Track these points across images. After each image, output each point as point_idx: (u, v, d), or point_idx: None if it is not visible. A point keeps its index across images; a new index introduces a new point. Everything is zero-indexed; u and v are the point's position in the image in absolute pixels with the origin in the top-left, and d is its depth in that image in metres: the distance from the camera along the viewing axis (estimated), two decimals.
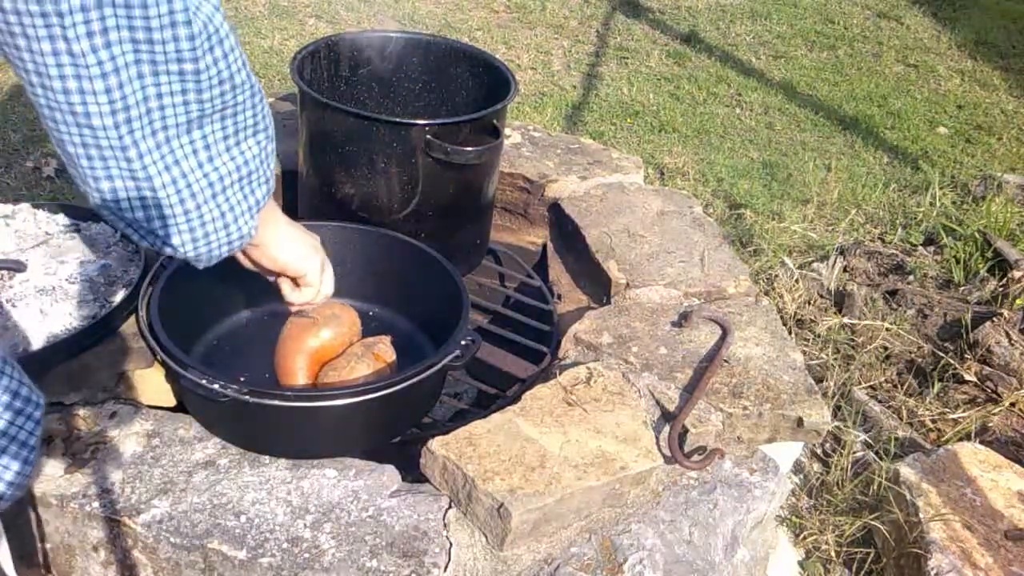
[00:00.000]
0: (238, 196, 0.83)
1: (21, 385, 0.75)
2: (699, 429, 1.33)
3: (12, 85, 3.06)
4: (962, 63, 4.33)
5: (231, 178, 0.82)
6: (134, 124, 0.70)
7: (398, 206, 1.57)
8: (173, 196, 0.77)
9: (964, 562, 1.44)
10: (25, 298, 1.32)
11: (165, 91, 0.71)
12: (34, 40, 0.62)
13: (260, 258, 1.00)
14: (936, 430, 1.93)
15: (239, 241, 0.87)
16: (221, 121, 0.78)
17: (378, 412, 1.24)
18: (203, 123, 0.76)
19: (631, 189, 1.93)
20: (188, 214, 0.80)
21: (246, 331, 1.45)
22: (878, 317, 2.24)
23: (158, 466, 1.20)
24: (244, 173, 0.83)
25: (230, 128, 0.79)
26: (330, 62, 1.72)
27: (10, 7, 0.61)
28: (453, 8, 4.34)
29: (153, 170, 0.74)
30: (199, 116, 0.75)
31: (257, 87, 0.80)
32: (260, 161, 0.84)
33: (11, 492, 0.75)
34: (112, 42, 0.65)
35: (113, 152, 0.71)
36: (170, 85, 0.70)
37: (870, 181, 3.11)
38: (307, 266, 1.06)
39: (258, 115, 0.81)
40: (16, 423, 0.74)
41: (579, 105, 3.52)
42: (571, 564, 1.17)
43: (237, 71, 0.75)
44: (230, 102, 0.76)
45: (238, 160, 0.82)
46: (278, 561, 1.09)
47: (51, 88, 0.66)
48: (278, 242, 0.99)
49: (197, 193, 0.79)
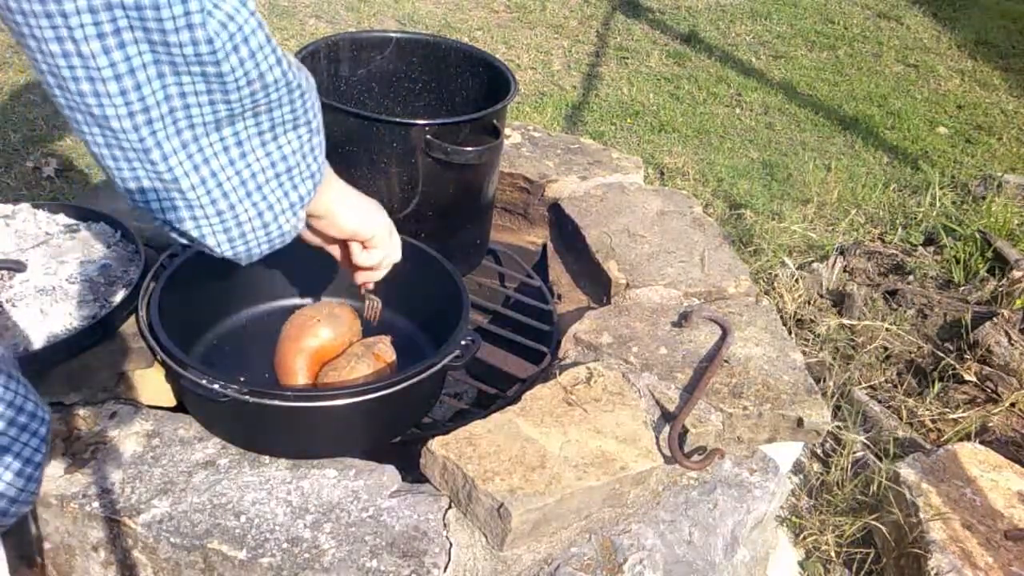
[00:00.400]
0: (277, 194, 0.79)
1: (26, 400, 0.73)
2: (699, 429, 1.33)
3: (12, 85, 3.06)
4: (962, 63, 4.33)
5: (266, 175, 0.77)
6: (155, 125, 0.68)
7: (398, 206, 1.57)
8: (204, 196, 0.74)
9: (964, 562, 1.44)
10: (25, 298, 1.32)
11: (189, 90, 0.67)
12: (43, 41, 0.61)
13: (327, 228, 0.97)
14: (936, 430, 1.93)
15: (280, 239, 0.83)
16: (255, 118, 0.73)
17: (378, 412, 1.24)
18: (234, 121, 0.72)
19: (631, 189, 1.93)
20: (221, 214, 0.76)
21: (246, 331, 1.45)
22: (878, 317, 2.24)
23: (158, 466, 1.20)
24: (282, 169, 0.79)
25: (265, 124, 0.75)
26: (330, 62, 1.72)
27: (15, 7, 0.59)
28: (453, 8, 4.34)
29: (179, 171, 0.71)
30: (228, 115, 0.71)
31: (295, 81, 0.75)
32: (303, 155, 0.80)
33: (15, 509, 0.74)
34: (126, 42, 0.62)
35: (136, 154, 0.69)
36: (193, 85, 0.67)
37: (870, 181, 3.11)
38: (377, 228, 1.02)
39: (298, 109, 0.76)
40: (20, 439, 0.72)
41: (579, 105, 3.52)
42: (571, 564, 1.17)
43: (268, 69, 0.70)
44: (262, 100, 0.72)
45: (274, 156, 0.77)
46: (278, 561, 1.09)
47: (68, 89, 0.64)
48: (344, 210, 0.96)
49: (230, 192, 0.75)
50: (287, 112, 0.76)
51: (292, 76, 0.74)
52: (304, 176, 0.82)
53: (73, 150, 2.75)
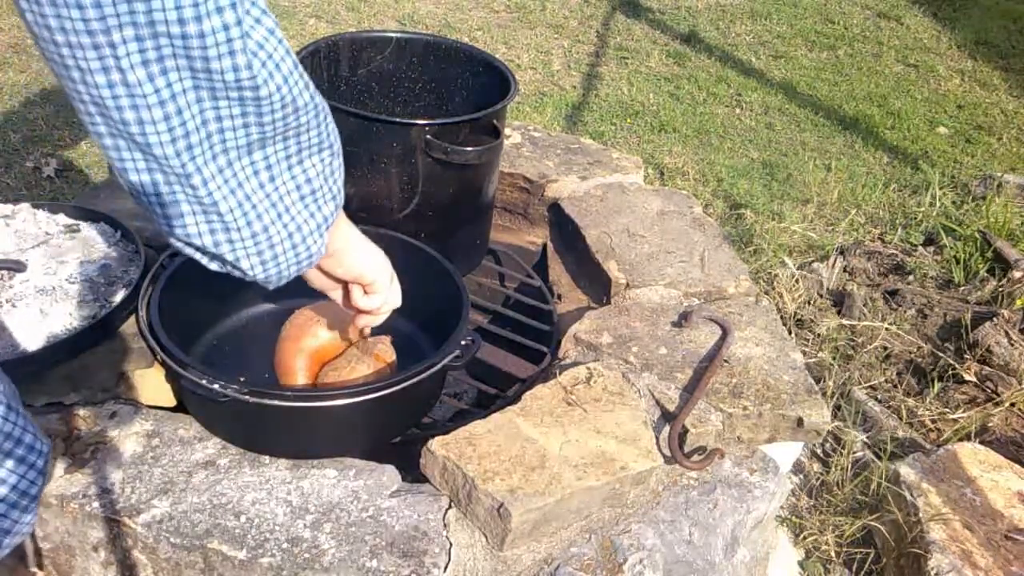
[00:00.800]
0: (304, 215, 0.81)
1: (24, 432, 0.73)
2: (699, 429, 1.33)
3: (12, 85, 3.06)
4: (962, 63, 4.34)
5: (292, 197, 0.80)
6: (195, 151, 0.70)
7: (398, 206, 1.57)
8: (240, 219, 0.76)
9: (964, 562, 1.44)
10: (25, 298, 1.32)
11: (225, 115, 0.69)
12: (88, 72, 0.62)
13: (334, 267, 0.98)
14: (936, 430, 1.93)
15: (308, 260, 0.85)
16: (284, 142, 0.76)
17: (378, 412, 1.24)
18: (264, 144, 0.75)
19: (631, 189, 1.93)
20: (256, 236, 0.78)
21: (246, 331, 1.45)
22: (878, 317, 2.24)
23: (158, 466, 1.20)
24: (307, 191, 0.81)
25: (292, 148, 0.77)
26: (330, 62, 1.72)
27: (62, 40, 0.60)
28: (453, 8, 4.34)
29: (218, 195, 0.73)
30: (260, 138, 0.74)
31: (321, 105, 0.78)
32: (325, 178, 0.82)
33: (9, 540, 0.74)
34: (168, 69, 0.64)
35: (178, 178, 0.71)
36: (230, 108, 0.69)
37: (870, 181, 3.11)
38: (379, 273, 1.04)
39: (323, 133, 0.79)
40: (17, 471, 0.72)
41: (579, 105, 3.52)
42: (571, 564, 1.17)
43: (299, 93, 0.73)
44: (292, 124, 0.75)
45: (299, 179, 0.80)
46: (278, 561, 1.09)
47: (111, 118, 0.65)
48: (351, 250, 0.97)
49: (263, 214, 0.77)
50: (314, 136, 0.78)
51: (319, 100, 0.76)
52: (327, 198, 0.84)
53: (73, 150, 2.75)
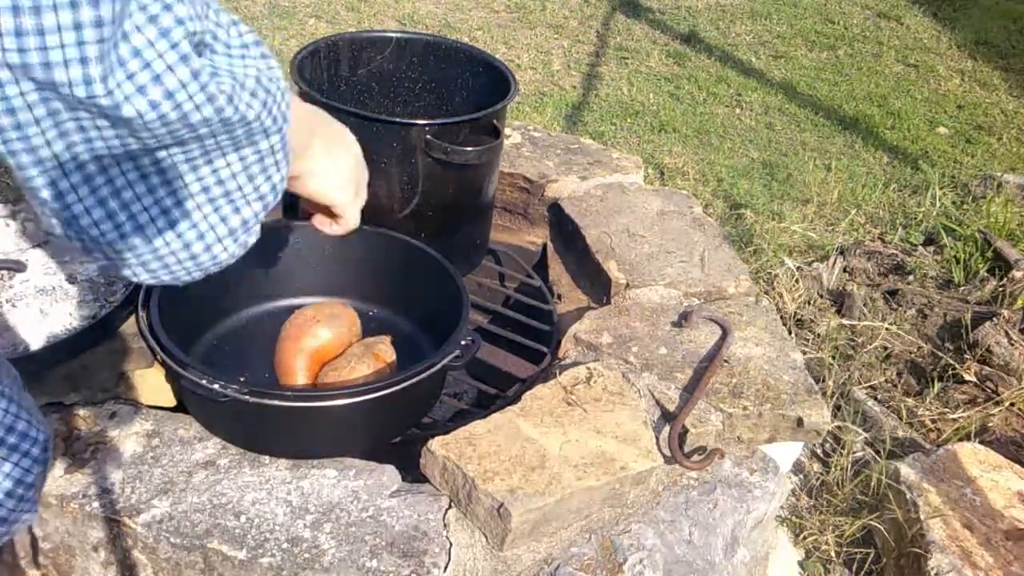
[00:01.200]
0: (212, 219, 0.72)
1: (17, 419, 0.71)
2: (699, 429, 1.33)
3: None
4: (962, 63, 4.34)
5: (196, 200, 0.70)
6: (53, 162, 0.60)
7: (398, 206, 1.57)
8: (111, 233, 0.67)
9: (964, 562, 1.44)
10: (25, 298, 1.32)
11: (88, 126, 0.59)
12: None
13: (295, 187, 0.97)
14: (936, 430, 1.93)
15: (215, 265, 0.77)
16: (180, 146, 0.66)
17: (378, 412, 1.24)
18: (151, 151, 0.65)
19: (631, 189, 1.93)
20: (135, 249, 0.70)
21: (246, 331, 1.45)
22: (878, 317, 2.24)
23: (158, 466, 1.20)
24: (218, 193, 0.71)
25: (195, 151, 0.67)
26: (330, 62, 1.72)
27: None
28: (453, 8, 4.34)
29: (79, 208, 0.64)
30: (142, 148, 0.64)
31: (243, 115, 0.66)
32: (248, 178, 0.72)
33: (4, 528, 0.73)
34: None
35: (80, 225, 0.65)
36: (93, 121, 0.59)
37: (870, 181, 3.11)
38: (338, 198, 1.04)
39: (239, 138, 0.68)
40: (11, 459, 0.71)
41: (579, 105, 3.52)
42: (571, 564, 1.17)
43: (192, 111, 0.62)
44: (187, 136, 0.65)
45: (207, 180, 0.70)
46: (278, 561, 1.09)
47: None
48: (316, 174, 0.97)
49: (146, 225, 0.68)
50: (224, 139, 0.68)
51: (230, 113, 0.65)
52: (251, 198, 0.74)
53: None
